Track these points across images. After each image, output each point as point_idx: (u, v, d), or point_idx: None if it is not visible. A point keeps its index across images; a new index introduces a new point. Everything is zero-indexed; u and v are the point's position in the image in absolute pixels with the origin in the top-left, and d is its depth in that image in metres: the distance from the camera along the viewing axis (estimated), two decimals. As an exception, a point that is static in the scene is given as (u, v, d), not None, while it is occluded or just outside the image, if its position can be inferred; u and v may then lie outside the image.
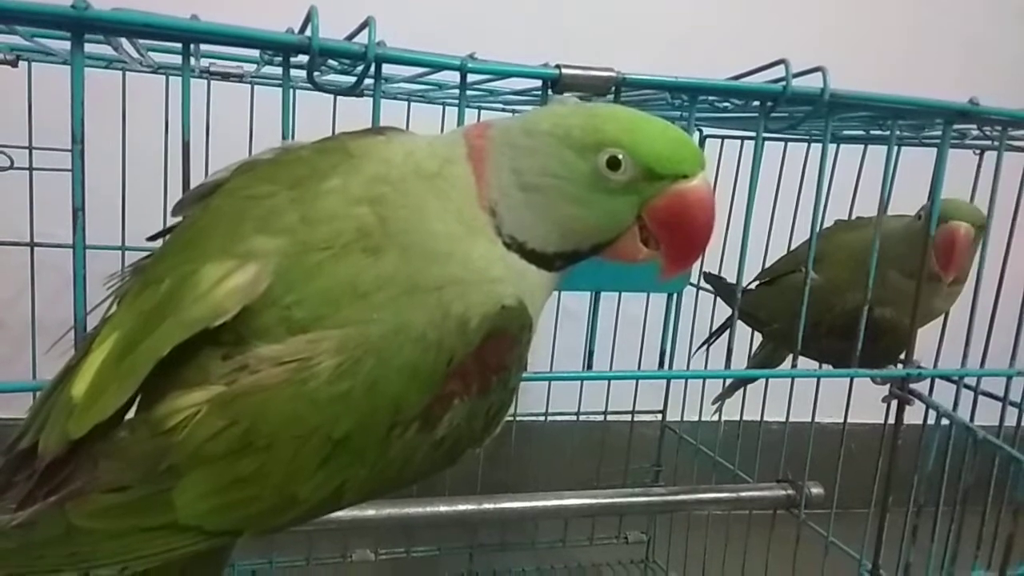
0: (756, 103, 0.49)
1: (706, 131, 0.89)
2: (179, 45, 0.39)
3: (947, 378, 0.58)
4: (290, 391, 0.31)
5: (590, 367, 0.50)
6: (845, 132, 0.72)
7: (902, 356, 0.62)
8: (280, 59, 0.41)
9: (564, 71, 0.43)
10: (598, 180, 0.34)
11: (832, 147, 0.77)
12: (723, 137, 0.88)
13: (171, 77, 0.72)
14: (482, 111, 0.84)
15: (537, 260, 0.36)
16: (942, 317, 0.68)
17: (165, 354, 0.31)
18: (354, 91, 0.43)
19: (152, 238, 0.41)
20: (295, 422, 0.32)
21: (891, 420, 0.60)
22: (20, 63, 0.67)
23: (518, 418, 0.99)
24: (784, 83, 0.45)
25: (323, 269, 0.33)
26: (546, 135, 0.34)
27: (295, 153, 0.38)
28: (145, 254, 0.39)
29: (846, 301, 0.57)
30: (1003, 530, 0.48)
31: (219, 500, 0.32)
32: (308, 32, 0.39)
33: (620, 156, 0.33)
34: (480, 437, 0.37)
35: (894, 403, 0.59)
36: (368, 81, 0.42)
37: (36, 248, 0.78)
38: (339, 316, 0.32)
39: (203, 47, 0.62)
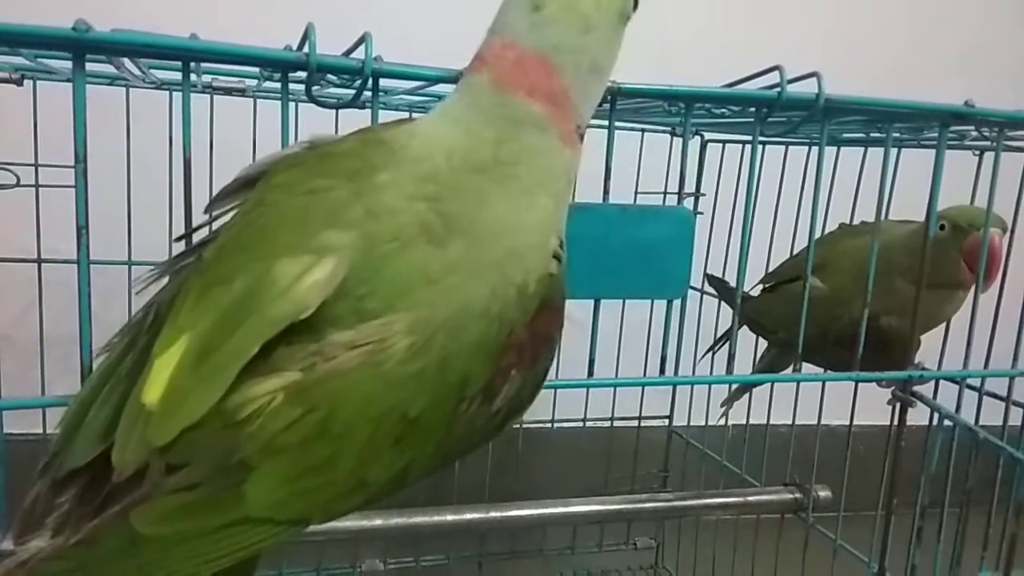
0: (752, 109, 0.49)
1: (707, 136, 0.90)
2: (179, 63, 0.40)
3: (951, 379, 0.58)
4: (366, 373, 0.31)
5: (592, 374, 0.50)
6: (844, 135, 0.72)
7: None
8: (279, 75, 0.41)
9: (560, 82, 0.43)
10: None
11: (832, 150, 0.77)
12: (724, 142, 0.88)
13: (174, 92, 0.73)
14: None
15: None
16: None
17: (255, 352, 0.31)
18: (352, 105, 0.43)
19: (180, 239, 0.41)
20: (372, 404, 0.32)
21: (896, 422, 0.60)
22: (25, 81, 0.68)
23: (524, 426, 0.99)
24: (779, 89, 0.45)
25: (392, 260, 0.33)
26: (606, 17, 0.37)
27: (337, 146, 0.38)
28: (175, 256, 0.39)
29: (852, 311, 0.57)
30: (1008, 531, 0.48)
31: (290, 489, 0.32)
32: (306, 49, 0.39)
33: None
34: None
35: (898, 405, 0.59)
36: (366, 94, 0.42)
37: (43, 264, 0.79)
38: (409, 301, 0.33)
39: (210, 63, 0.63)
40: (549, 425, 0.98)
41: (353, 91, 0.43)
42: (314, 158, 0.37)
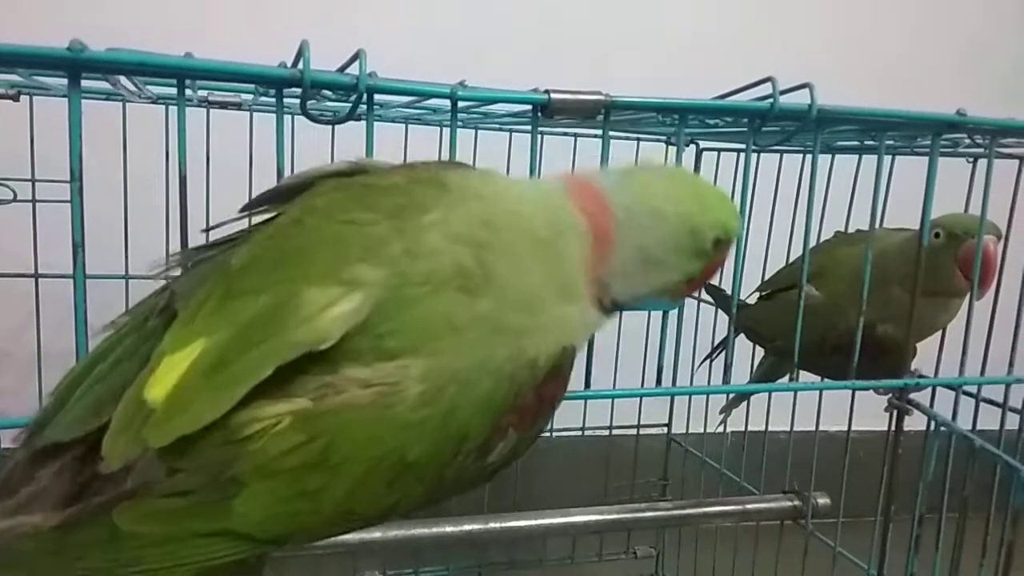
0: (745, 120, 0.49)
1: (702, 144, 0.90)
2: (174, 79, 0.40)
3: (948, 387, 0.58)
4: (374, 413, 0.32)
5: (588, 386, 0.50)
6: (839, 143, 0.73)
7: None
8: (274, 91, 0.42)
9: (553, 96, 0.43)
10: (699, 252, 0.41)
11: (827, 158, 0.78)
12: (719, 150, 0.88)
13: (170, 107, 0.73)
14: (479, 131, 0.85)
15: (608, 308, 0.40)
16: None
17: (268, 375, 0.31)
18: (348, 120, 0.43)
19: (207, 229, 0.40)
20: (374, 443, 0.32)
21: (893, 430, 0.60)
22: (21, 97, 0.69)
23: (523, 435, 0.98)
24: (772, 100, 0.46)
25: (420, 303, 0.33)
26: (673, 218, 0.40)
27: (384, 179, 0.38)
28: (197, 247, 0.39)
29: (849, 319, 0.57)
30: (1006, 539, 0.48)
31: (277, 510, 0.32)
32: (300, 65, 0.39)
33: (720, 236, 0.41)
34: (518, 458, 0.39)
35: (895, 413, 0.59)
36: (361, 109, 0.42)
37: (40, 279, 0.79)
38: (430, 347, 0.33)
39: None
40: (548, 434, 0.98)
41: (349, 105, 0.43)
42: (359, 187, 0.37)
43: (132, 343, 0.35)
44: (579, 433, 0.99)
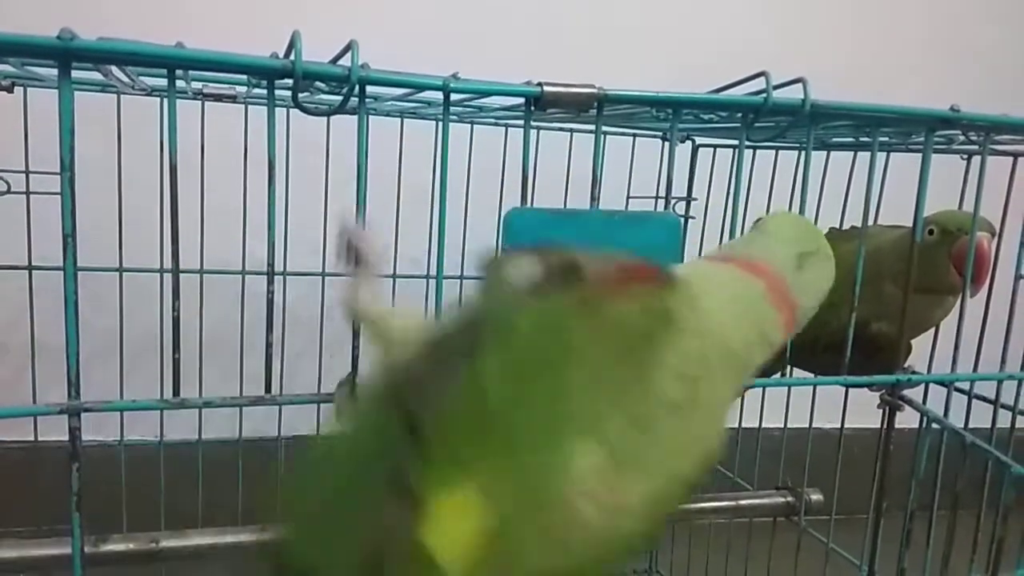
0: (739, 115, 0.49)
1: (698, 140, 0.90)
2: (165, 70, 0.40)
3: (940, 383, 0.58)
4: None
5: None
6: (834, 140, 0.73)
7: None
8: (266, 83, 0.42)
9: (546, 89, 0.43)
10: None
11: (822, 154, 0.78)
12: (715, 146, 0.88)
13: (165, 99, 0.73)
14: (475, 126, 0.85)
15: None
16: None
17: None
18: (339, 112, 0.43)
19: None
20: None
21: (885, 426, 0.60)
22: (15, 88, 0.68)
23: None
24: (765, 95, 0.46)
25: (652, 433, 0.33)
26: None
27: (619, 311, 0.35)
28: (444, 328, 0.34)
29: (842, 316, 0.56)
30: (997, 534, 0.48)
31: None
32: (292, 56, 0.39)
33: None
34: None
35: (887, 409, 0.59)
36: (353, 101, 0.42)
37: (34, 271, 0.79)
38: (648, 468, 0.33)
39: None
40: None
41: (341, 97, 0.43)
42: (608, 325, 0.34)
43: (365, 442, 0.32)
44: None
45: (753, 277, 0.41)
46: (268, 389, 0.48)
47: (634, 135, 0.90)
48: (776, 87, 0.46)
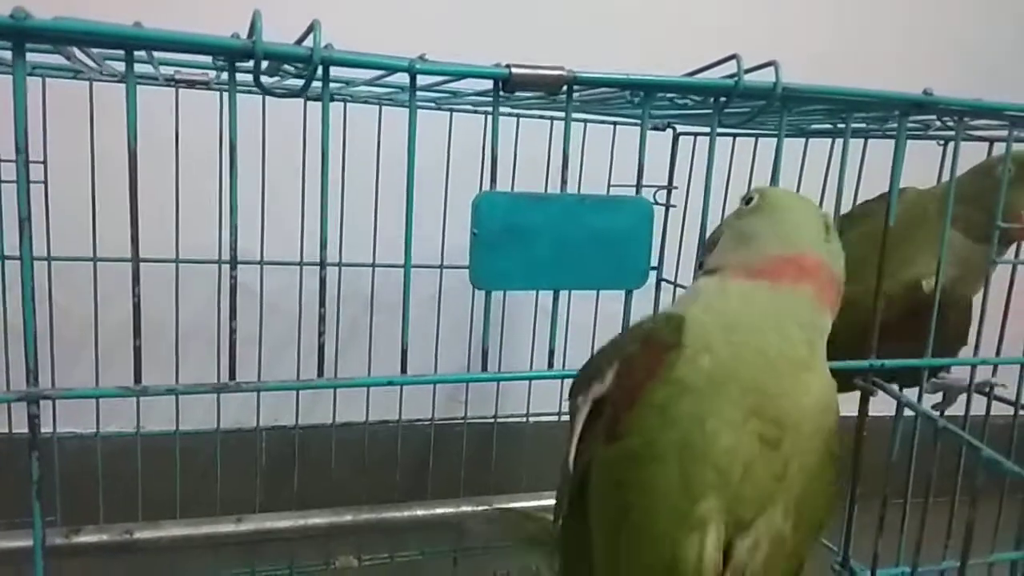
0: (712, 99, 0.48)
1: (679, 128, 0.90)
2: (143, 53, 0.39)
3: (913, 368, 0.58)
4: None
5: (552, 366, 0.50)
6: (813, 127, 0.72)
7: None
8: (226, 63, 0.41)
9: (514, 71, 0.43)
10: None
11: (801, 141, 0.77)
12: (695, 134, 0.88)
13: (139, 86, 0.72)
14: (454, 113, 0.85)
15: None
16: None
17: None
18: (302, 94, 0.43)
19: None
20: None
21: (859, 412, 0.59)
22: (-16, 75, 0.67)
23: (500, 420, 0.98)
24: (737, 78, 0.45)
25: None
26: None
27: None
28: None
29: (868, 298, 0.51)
30: (968, 518, 0.48)
31: None
32: (253, 36, 0.38)
33: None
34: None
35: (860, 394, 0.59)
36: (316, 84, 0.42)
37: (6, 261, 0.78)
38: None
39: (170, 55, 0.62)
40: (524, 419, 0.98)
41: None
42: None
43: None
44: (555, 418, 0.99)
45: (794, 285, 0.40)
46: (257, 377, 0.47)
47: (614, 123, 0.89)
48: (748, 71, 0.46)
